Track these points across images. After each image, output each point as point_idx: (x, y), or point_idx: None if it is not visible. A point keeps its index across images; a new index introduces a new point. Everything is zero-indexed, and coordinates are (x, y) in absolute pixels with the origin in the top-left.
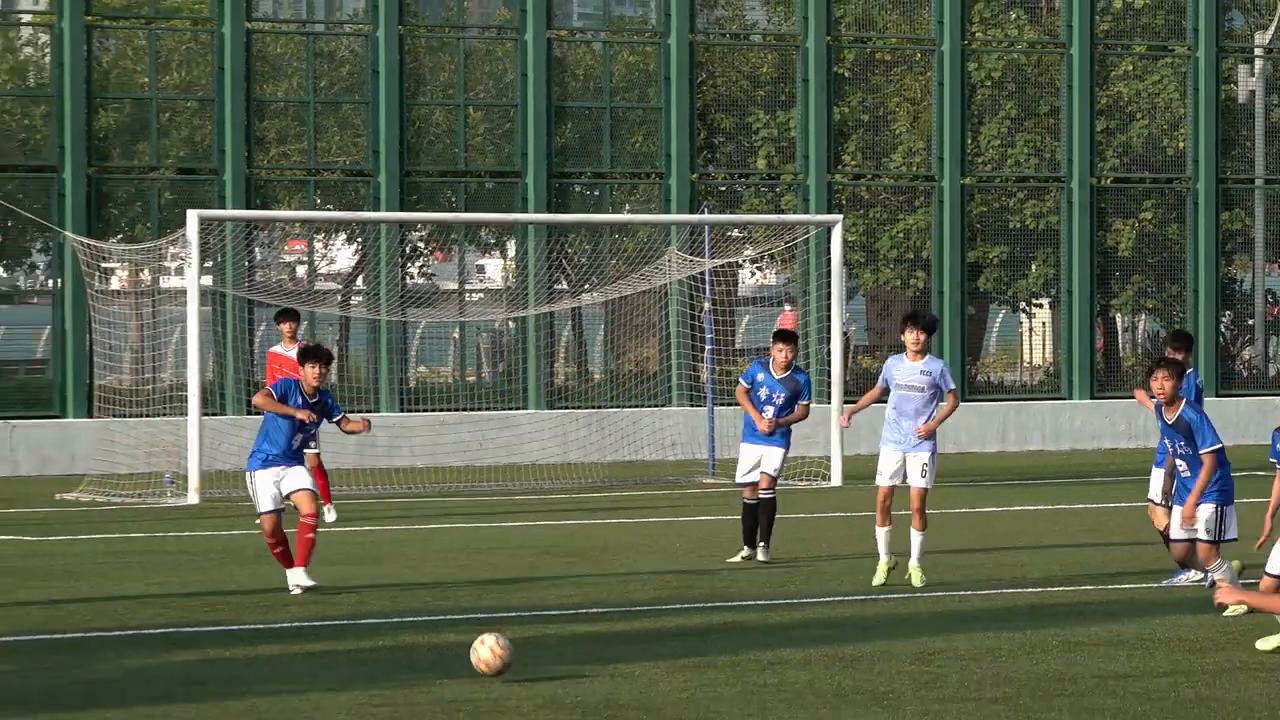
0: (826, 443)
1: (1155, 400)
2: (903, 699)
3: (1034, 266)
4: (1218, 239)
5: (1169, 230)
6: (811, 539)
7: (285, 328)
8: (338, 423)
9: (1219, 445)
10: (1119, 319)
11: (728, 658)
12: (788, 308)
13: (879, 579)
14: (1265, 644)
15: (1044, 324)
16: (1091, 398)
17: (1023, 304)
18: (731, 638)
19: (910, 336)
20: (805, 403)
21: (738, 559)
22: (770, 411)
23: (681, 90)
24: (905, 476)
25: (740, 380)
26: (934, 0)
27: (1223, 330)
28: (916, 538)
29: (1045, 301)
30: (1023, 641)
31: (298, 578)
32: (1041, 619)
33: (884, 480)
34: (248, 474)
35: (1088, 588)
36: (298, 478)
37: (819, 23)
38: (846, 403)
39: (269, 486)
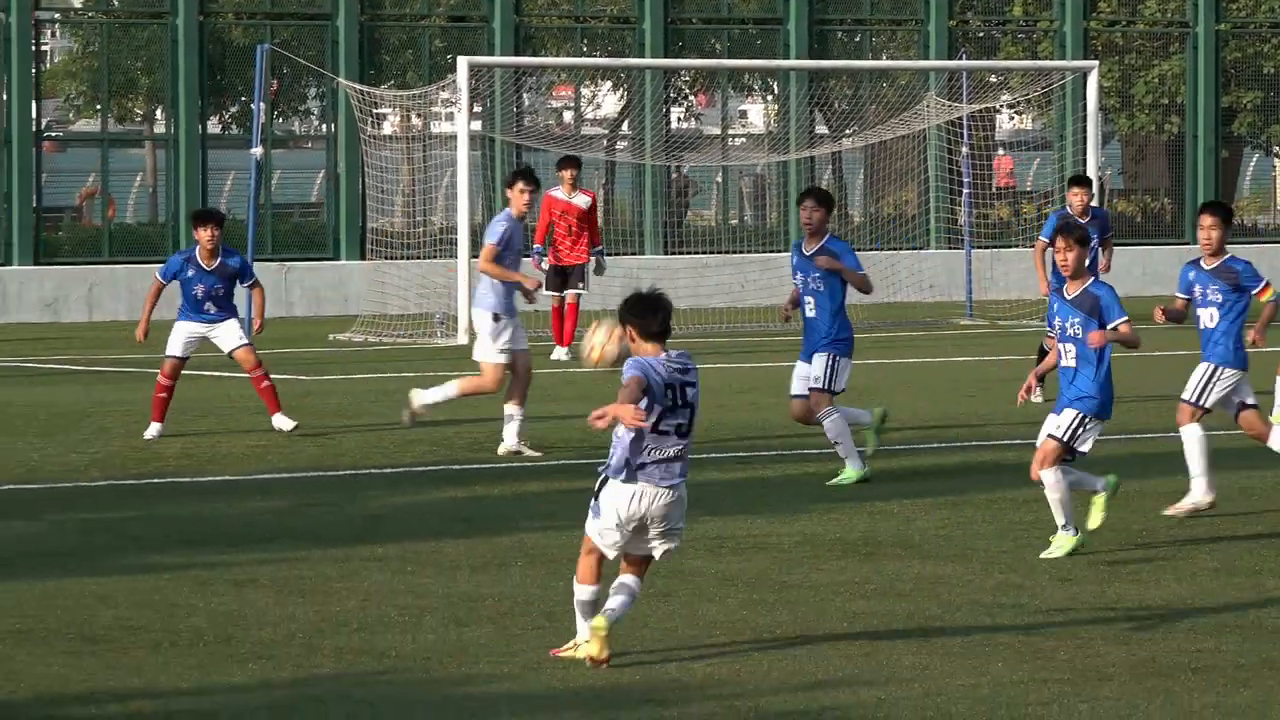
0: None
1: None
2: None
3: None
4: None
5: None
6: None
7: (566, 174)
8: (250, 288)
9: None
10: None
11: (984, 496)
12: (1001, 152)
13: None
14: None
15: None
16: None
17: (1276, 148)
18: (989, 476)
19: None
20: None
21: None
22: None
23: None
24: None
25: (1040, 238)
26: None
27: None
28: None
29: None
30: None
31: (280, 423)
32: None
33: None
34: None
35: None
36: (229, 335)
37: None
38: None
39: (179, 334)
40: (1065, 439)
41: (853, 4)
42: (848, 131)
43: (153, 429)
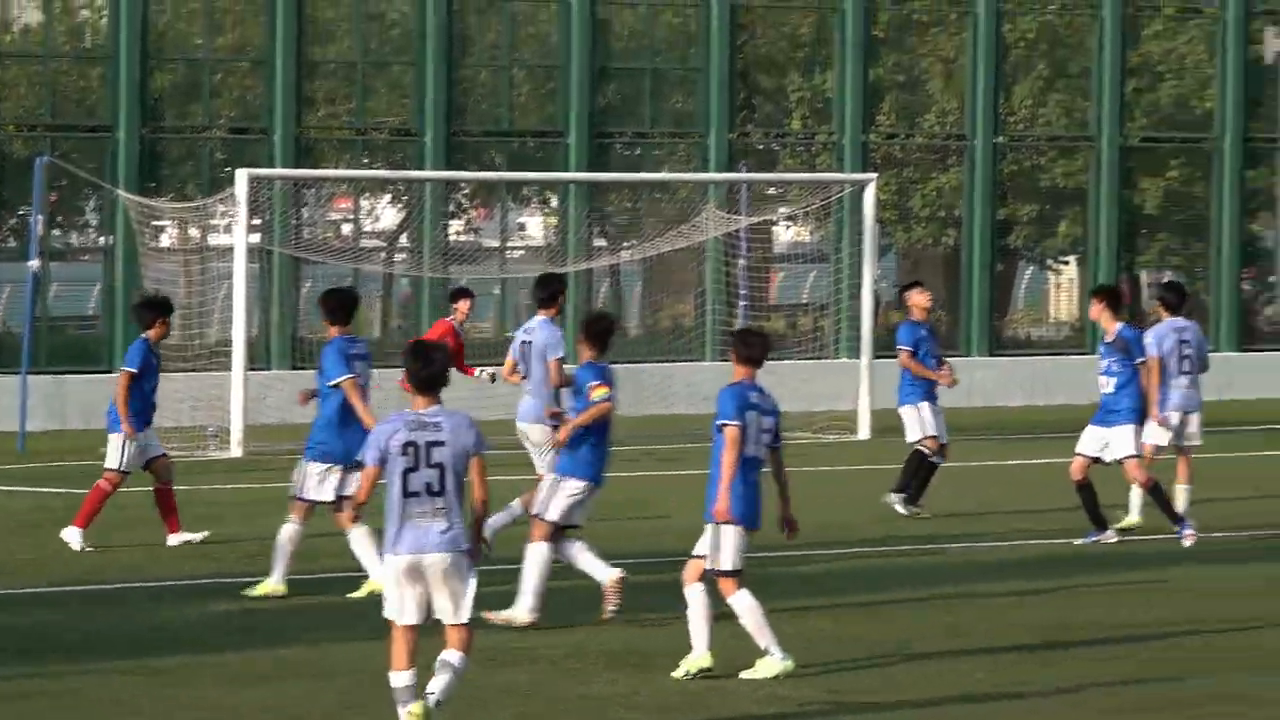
0: (854, 397)
1: None
2: (928, 645)
3: (1062, 224)
4: (1242, 197)
5: (1195, 189)
6: (838, 493)
7: (463, 305)
8: None
9: None
10: (1144, 276)
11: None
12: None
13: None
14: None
15: (1071, 280)
16: None
17: (1050, 261)
18: (760, 588)
19: None
20: None
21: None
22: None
23: (721, 51)
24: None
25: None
26: None
27: (1245, 287)
28: None
29: (1073, 258)
30: (1042, 590)
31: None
32: (1061, 570)
33: None
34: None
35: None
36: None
37: None
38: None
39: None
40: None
41: (633, 117)
42: (626, 244)
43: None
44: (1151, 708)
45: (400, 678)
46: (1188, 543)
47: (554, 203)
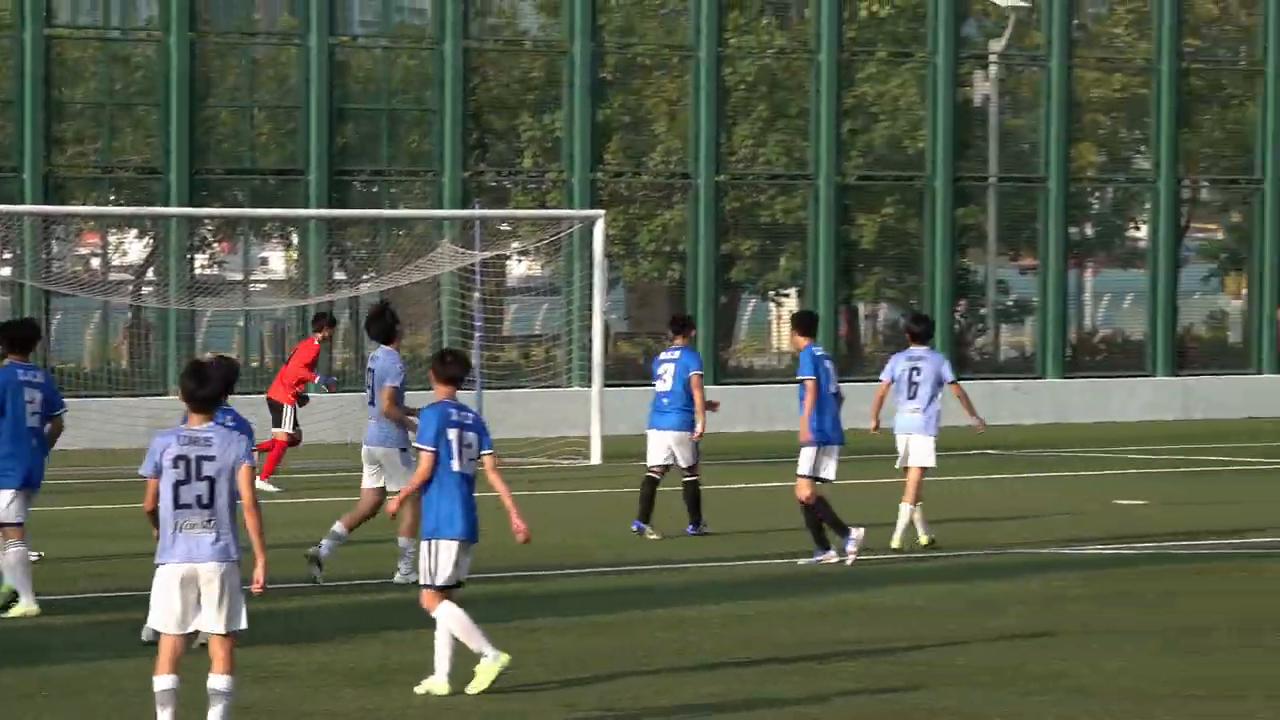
0: (587, 423)
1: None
2: (658, 661)
3: (783, 259)
4: (953, 233)
5: (908, 225)
6: (571, 516)
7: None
8: None
9: None
10: (861, 308)
11: (490, 625)
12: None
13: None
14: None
15: (791, 312)
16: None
17: (772, 294)
18: (496, 606)
19: None
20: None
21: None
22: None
23: (455, 93)
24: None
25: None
26: (691, 8)
27: (958, 318)
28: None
29: (793, 291)
30: (767, 609)
31: None
32: (787, 589)
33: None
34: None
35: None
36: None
37: (584, 30)
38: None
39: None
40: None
41: (371, 156)
42: (365, 277)
43: None
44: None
45: (161, 681)
46: (832, 560)
47: (295, 238)
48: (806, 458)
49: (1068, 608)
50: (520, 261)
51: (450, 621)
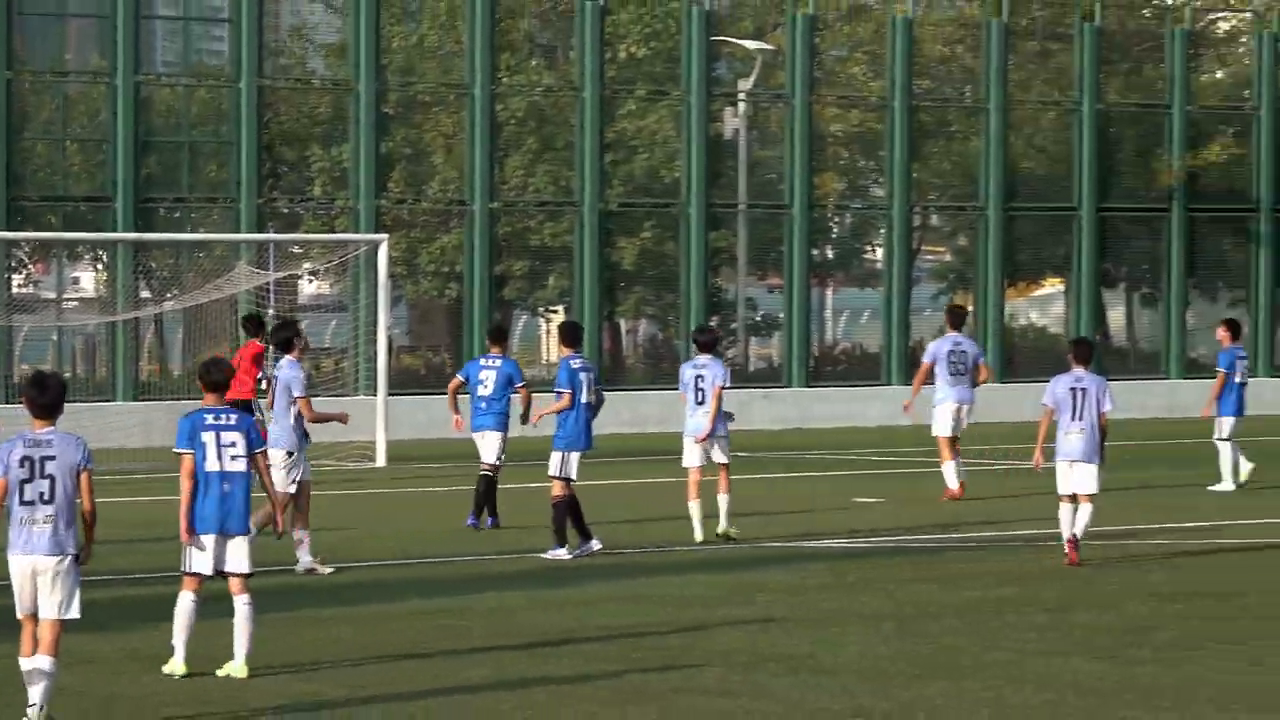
0: (373, 428)
1: None
2: (434, 646)
3: (551, 278)
4: (706, 255)
5: (666, 247)
6: (358, 514)
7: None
8: None
9: None
10: (623, 323)
11: (273, 614)
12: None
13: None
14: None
15: (559, 327)
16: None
17: (541, 310)
18: (285, 598)
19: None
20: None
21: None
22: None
23: (250, 127)
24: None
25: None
26: (466, 50)
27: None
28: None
29: (561, 308)
30: (537, 599)
31: None
32: (554, 580)
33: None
34: None
35: (604, 551)
36: None
37: (368, 69)
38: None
39: None
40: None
41: (173, 184)
42: (169, 295)
43: None
44: (635, 699)
45: (24, 663)
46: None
47: (104, 260)
48: (555, 460)
49: (812, 596)
50: (311, 281)
51: (179, 608)
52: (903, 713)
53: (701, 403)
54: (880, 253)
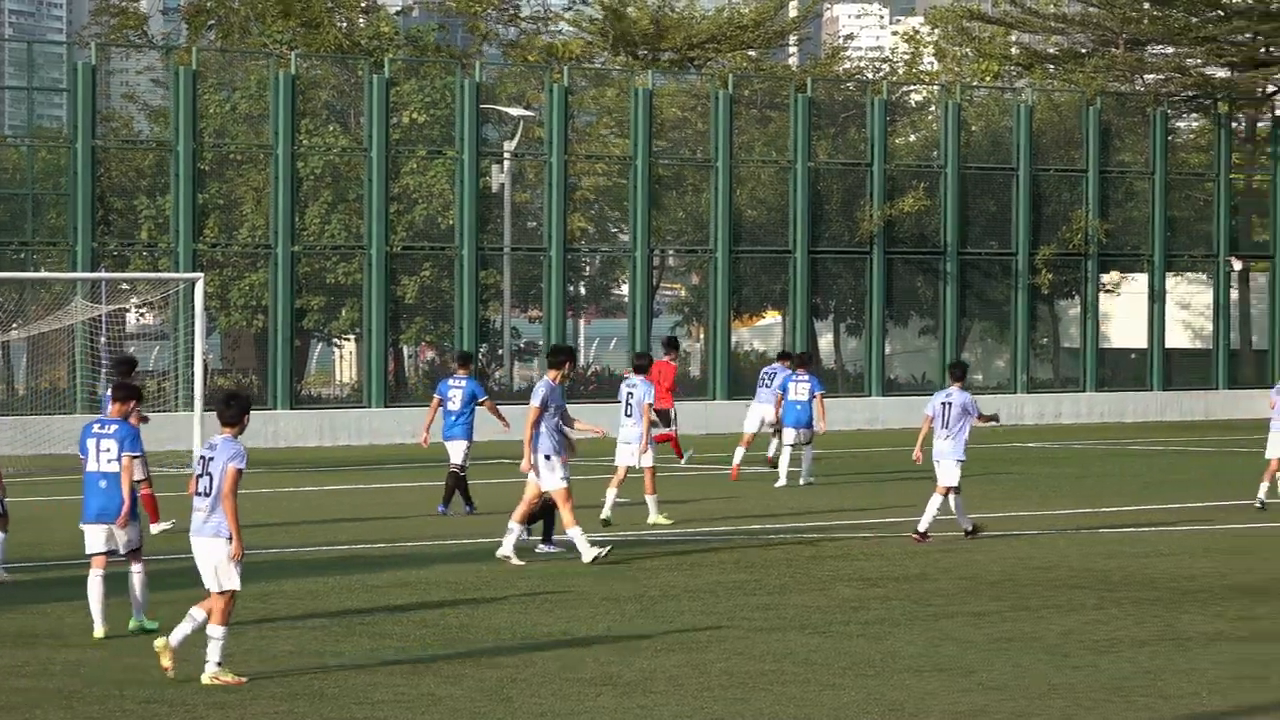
0: (190, 440)
1: None
2: (245, 627)
3: (344, 311)
4: (477, 291)
5: (442, 284)
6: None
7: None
8: None
9: None
10: (406, 350)
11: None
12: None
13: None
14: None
15: (351, 352)
16: (385, 406)
17: (335, 339)
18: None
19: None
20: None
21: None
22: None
23: (86, 181)
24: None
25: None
26: (271, 116)
27: (481, 357)
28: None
29: (352, 337)
30: (335, 584)
31: None
32: (349, 568)
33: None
34: None
35: (381, 545)
36: None
37: (187, 131)
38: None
39: None
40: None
41: (19, 230)
42: (13, 326)
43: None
44: (422, 672)
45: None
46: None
47: None
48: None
49: (568, 581)
50: (137, 313)
51: (90, 586)
52: (646, 681)
53: (630, 415)
54: (626, 288)
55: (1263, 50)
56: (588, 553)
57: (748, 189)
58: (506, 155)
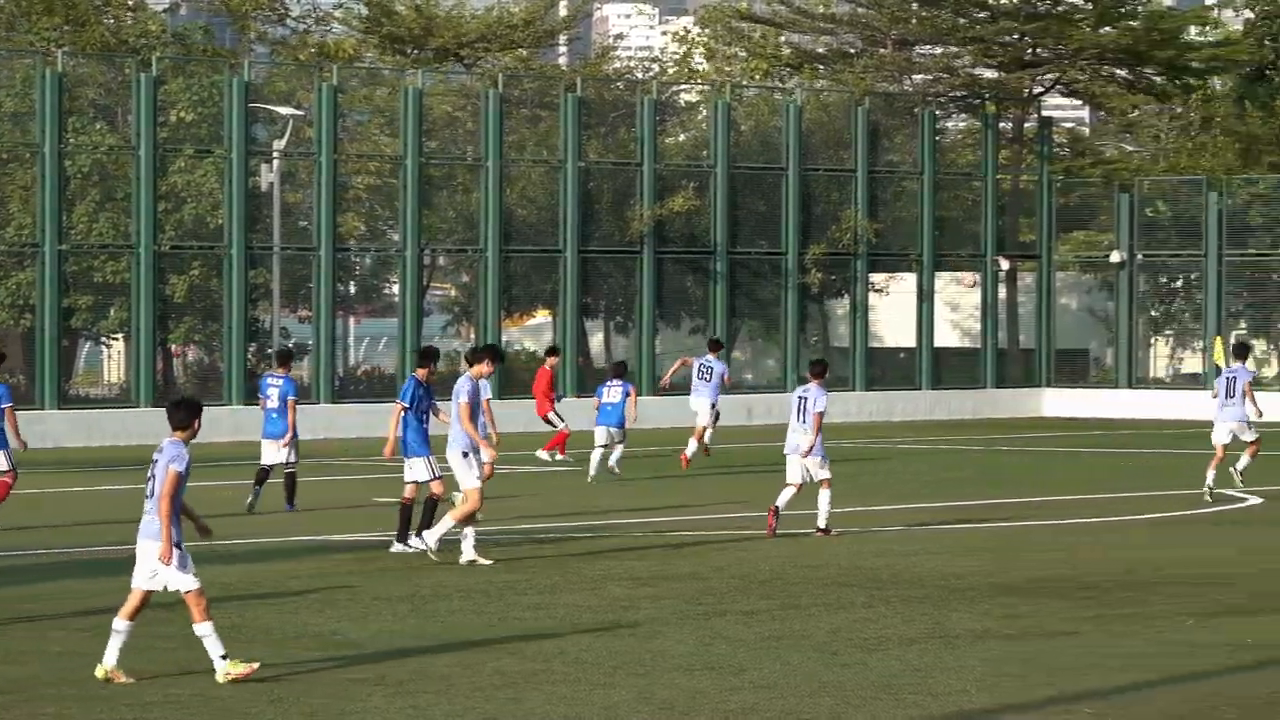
0: None
1: None
2: (13, 627)
3: (113, 310)
4: (247, 290)
5: (211, 284)
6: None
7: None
8: None
9: None
10: (174, 349)
11: None
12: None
13: None
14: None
15: (120, 352)
16: (153, 406)
17: (105, 338)
18: None
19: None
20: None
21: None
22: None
23: None
24: None
25: None
26: (38, 113)
27: (250, 358)
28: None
29: (121, 335)
30: (104, 586)
31: None
32: (118, 570)
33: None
34: None
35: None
36: None
37: None
38: None
39: None
40: None
41: None
42: None
43: None
44: (202, 673)
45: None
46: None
47: None
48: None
49: (340, 580)
50: None
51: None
52: (417, 680)
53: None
54: (396, 288)
55: (1029, 51)
56: (464, 554)
57: (518, 188)
58: (276, 154)
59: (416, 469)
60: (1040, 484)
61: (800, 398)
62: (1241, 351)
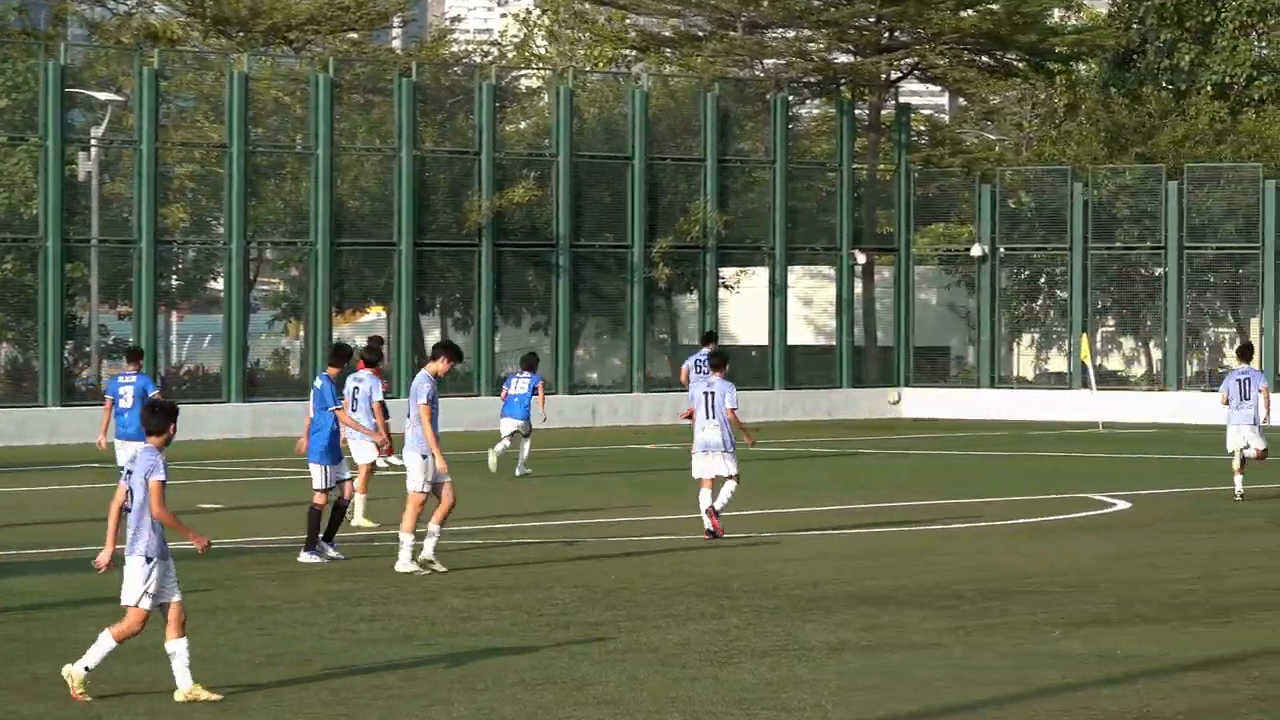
0: None
1: None
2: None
3: None
4: (63, 285)
5: (25, 278)
6: None
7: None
8: None
9: None
10: None
11: None
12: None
13: None
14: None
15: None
16: None
17: None
18: None
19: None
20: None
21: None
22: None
23: None
24: None
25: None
26: None
27: (67, 356)
28: None
29: None
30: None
31: None
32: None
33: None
34: None
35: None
36: None
37: None
38: None
39: None
40: None
41: None
42: None
43: None
44: (14, 689)
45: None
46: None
47: None
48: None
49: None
50: None
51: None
52: (244, 696)
53: (355, 410)
54: (221, 283)
55: (886, 35)
56: (403, 563)
57: (350, 178)
58: (94, 142)
59: (324, 475)
60: (899, 488)
61: (706, 393)
62: (1247, 352)
